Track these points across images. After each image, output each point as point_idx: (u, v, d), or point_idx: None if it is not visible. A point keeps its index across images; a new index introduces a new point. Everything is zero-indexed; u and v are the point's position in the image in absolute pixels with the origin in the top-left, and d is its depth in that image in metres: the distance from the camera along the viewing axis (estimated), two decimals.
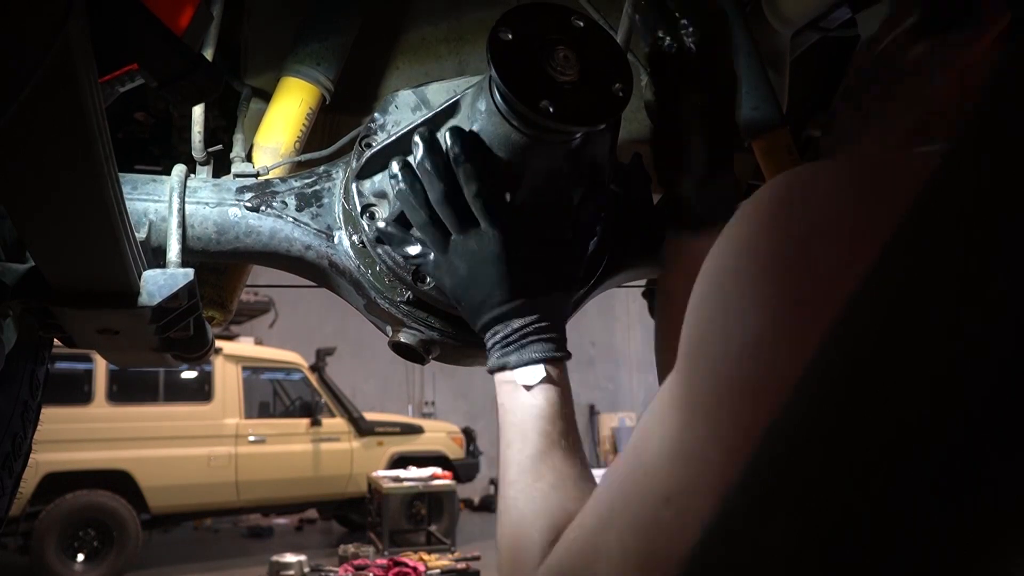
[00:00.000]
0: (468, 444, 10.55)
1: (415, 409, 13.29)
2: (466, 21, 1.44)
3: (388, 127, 1.10)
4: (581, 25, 0.99)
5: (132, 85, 0.81)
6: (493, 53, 0.91)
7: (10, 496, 1.34)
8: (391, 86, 1.41)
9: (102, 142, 0.65)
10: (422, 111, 1.08)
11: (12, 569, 7.48)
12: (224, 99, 1.34)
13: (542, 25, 0.96)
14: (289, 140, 1.25)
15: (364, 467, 9.06)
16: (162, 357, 1.16)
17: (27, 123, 0.57)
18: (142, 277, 0.95)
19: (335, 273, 1.13)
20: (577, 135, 0.99)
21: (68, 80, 0.55)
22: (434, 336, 1.12)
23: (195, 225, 1.09)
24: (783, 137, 1.53)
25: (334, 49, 1.29)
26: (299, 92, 1.27)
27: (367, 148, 1.08)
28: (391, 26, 1.42)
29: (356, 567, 6.66)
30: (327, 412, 9.09)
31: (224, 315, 1.30)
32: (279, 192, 1.13)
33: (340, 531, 9.86)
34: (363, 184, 1.08)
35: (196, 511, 8.55)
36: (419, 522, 8.65)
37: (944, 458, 0.27)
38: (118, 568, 7.43)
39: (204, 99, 0.76)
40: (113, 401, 7.87)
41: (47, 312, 0.96)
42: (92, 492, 7.54)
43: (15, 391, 1.28)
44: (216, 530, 10.23)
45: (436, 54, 1.43)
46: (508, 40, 0.93)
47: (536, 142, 0.96)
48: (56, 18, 0.49)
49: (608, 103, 0.96)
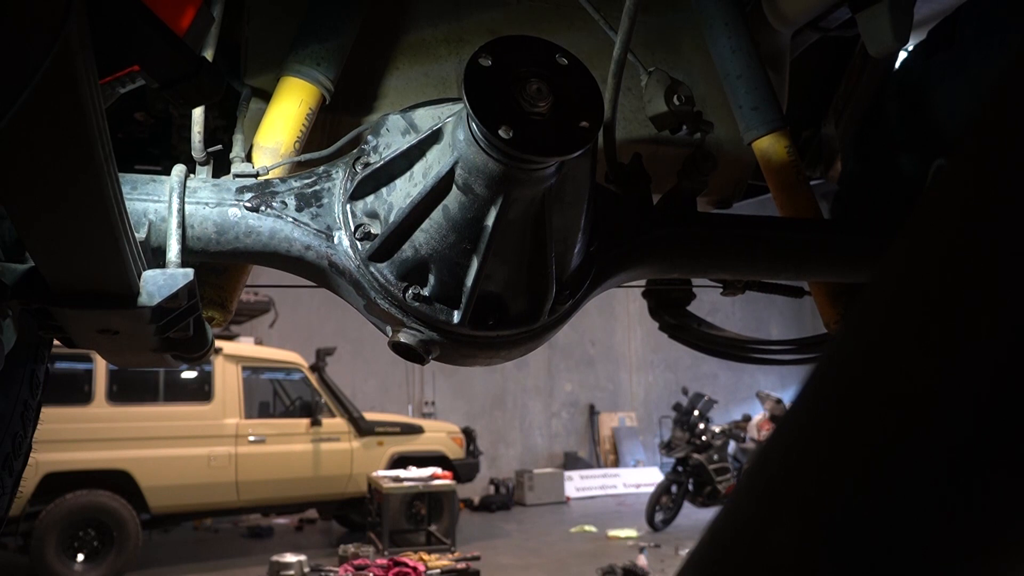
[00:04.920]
0: (468, 444, 10.54)
1: (415, 409, 13.29)
2: (466, 23, 1.45)
3: (380, 149, 1.12)
4: (564, 63, 1.00)
5: (133, 86, 0.81)
6: (467, 77, 0.93)
7: (10, 496, 1.34)
8: (391, 86, 1.41)
9: (102, 142, 0.65)
10: (411, 135, 1.10)
11: (12, 569, 7.48)
12: (224, 99, 1.34)
13: (524, 57, 0.98)
14: (289, 140, 1.26)
15: (364, 467, 9.06)
16: (162, 357, 1.16)
17: (27, 124, 0.57)
18: (142, 277, 0.95)
19: (335, 273, 1.13)
20: (551, 165, 1.00)
21: (68, 81, 0.55)
22: (434, 336, 1.13)
23: (195, 225, 1.10)
24: (783, 137, 1.53)
25: (334, 50, 1.29)
26: (299, 92, 1.27)
27: (360, 170, 1.11)
28: (391, 27, 1.42)
29: (356, 567, 6.66)
30: (327, 412, 9.08)
31: (224, 315, 1.30)
32: (279, 192, 1.13)
33: (340, 531, 9.86)
34: (356, 204, 1.11)
35: (196, 511, 8.54)
36: (419, 522, 8.65)
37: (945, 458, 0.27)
38: (118, 568, 7.43)
39: (205, 101, 0.76)
40: (113, 401, 7.87)
41: (47, 312, 0.96)
42: (92, 492, 7.53)
43: (15, 391, 1.28)
44: (216, 530, 10.23)
45: (436, 55, 1.43)
46: (486, 66, 0.95)
47: (511, 170, 0.97)
48: (56, 20, 0.49)
49: (570, 138, 0.97)
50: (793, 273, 1.43)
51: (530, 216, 1.05)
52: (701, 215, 1.44)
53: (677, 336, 1.88)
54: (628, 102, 1.53)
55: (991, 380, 0.27)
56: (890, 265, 0.31)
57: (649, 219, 1.31)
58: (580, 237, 1.15)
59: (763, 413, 10.91)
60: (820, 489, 0.29)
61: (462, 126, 1.00)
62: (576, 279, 1.20)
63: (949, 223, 0.30)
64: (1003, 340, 0.27)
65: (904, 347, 0.29)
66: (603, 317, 15.06)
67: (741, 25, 1.53)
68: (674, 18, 1.63)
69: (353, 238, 1.11)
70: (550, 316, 1.18)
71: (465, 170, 1.00)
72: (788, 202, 1.53)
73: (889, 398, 0.28)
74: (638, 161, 1.36)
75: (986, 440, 0.26)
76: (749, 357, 1.91)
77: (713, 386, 14.46)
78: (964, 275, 0.28)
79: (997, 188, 0.28)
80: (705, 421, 10.33)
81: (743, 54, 1.52)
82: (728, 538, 0.33)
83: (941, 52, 1.61)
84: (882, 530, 0.27)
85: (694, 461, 9.86)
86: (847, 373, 0.31)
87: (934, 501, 0.27)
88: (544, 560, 8.11)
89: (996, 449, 0.26)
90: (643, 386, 15.69)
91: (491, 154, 0.96)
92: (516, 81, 0.96)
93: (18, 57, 0.49)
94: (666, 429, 13.44)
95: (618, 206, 1.29)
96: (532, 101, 0.95)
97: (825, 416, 0.31)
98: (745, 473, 0.33)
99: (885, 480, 0.28)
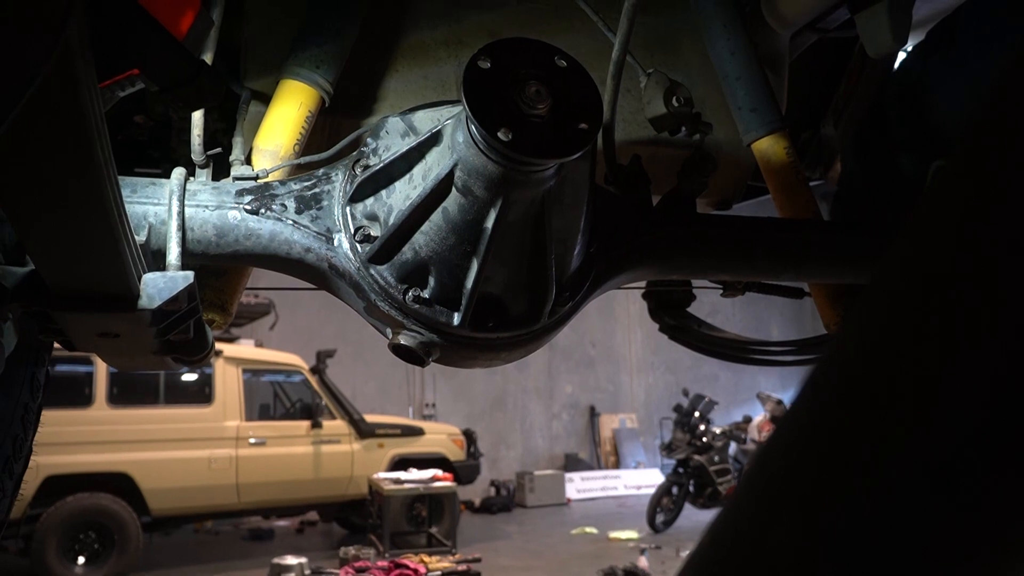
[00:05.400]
0: (469, 446, 10.54)
1: (415, 411, 13.28)
2: (465, 25, 1.45)
3: (380, 152, 1.12)
4: (563, 65, 1.00)
5: (133, 90, 0.81)
6: (466, 79, 0.93)
7: (11, 498, 1.34)
8: (390, 89, 1.41)
9: (102, 145, 0.65)
10: (410, 137, 1.10)
11: (13, 571, 7.47)
12: (224, 102, 1.34)
13: (523, 59, 0.98)
14: (288, 143, 1.26)
15: (365, 469, 9.05)
16: (162, 360, 1.16)
17: (27, 127, 0.57)
18: (142, 280, 0.95)
19: (335, 275, 1.13)
20: (550, 167, 1.00)
21: (68, 84, 0.55)
22: (434, 338, 1.13)
23: (195, 228, 1.10)
24: (782, 138, 1.53)
25: (333, 52, 1.30)
26: (298, 95, 1.27)
27: (359, 172, 1.11)
28: (390, 30, 1.42)
29: (357, 569, 6.65)
30: (327, 414, 9.08)
31: (224, 318, 1.30)
32: (279, 195, 1.13)
33: (341, 533, 9.85)
34: (355, 207, 1.11)
35: (197, 513, 8.54)
36: (420, 524, 8.64)
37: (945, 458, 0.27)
38: (119, 570, 7.42)
39: (205, 105, 0.76)
40: (114, 404, 7.87)
41: (47, 315, 0.96)
42: (93, 495, 7.53)
43: (16, 393, 1.28)
44: (217, 532, 10.22)
45: (435, 57, 1.43)
46: (485, 69, 0.95)
47: (510, 172, 0.97)
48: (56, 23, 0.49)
49: (569, 140, 0.97)
50: (793, 274, 1.43)
51: (530, 218, 1.05)
52: (701, 216, 1.44)
53: (677, 337, 1.88)
54: (627, 104, 1.53)
55: (991, 380, 0.27)
56: (890, 265, 0.31)
57: (649, 220, 1.31)
58: (580, 239, 1.15)
59: (764, 414, 10.90)
60: (820, 489, 0.29)
61: (461, 128, 1.00)
62: (576, 281, 1.20)
63: (949, 223, 0.30)
64: (1003, 340, 0.27)
65: (904, 347, 0.29)
66: (603, 319, 15.05)
67: (740, 27, 1.53)
68: (673, 20, 1.63)
69: (353, 240, 1.11)
70: (550, 318, 1.18)
71: (464, 172, 1.00)
72: (788, 203, 1.53)
73: (889, 398, 0.28)
74: (637, 163, 1.36)
75: (986, 440, 0.26)
76: (749, 358, 1.91)
77: (714, 387, 14.46)
78: (964, 275, 0.28)
79: (997, 188, 0.28)
80: (706, 422, 10.32)
81: (742, 55, 1.52)
82: (728, 539, 0.33)
83: (941, 52, 1.61)
84: (882, 530, 0.27)
85: (695, 462, 9.85)
86: (847, 373, 0.31)
87: (934, 501, 0.27)
88: (545, 562, 8.11)
89: (996, 449, 0.26)
90: (644, 387, 15.68)
91: (490, 156, 0.97)
92: (515, 83, 0.96)
93: (18, 60, 0.49)
94: (667, 431, 13.43)
95: (618, 208, 1.29)
96: (531, 103, 0.95)
97: (825, 416, 0.31)
98: (745, 474, 0.33)
99: (885, 480, 0.28)
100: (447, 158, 1.02)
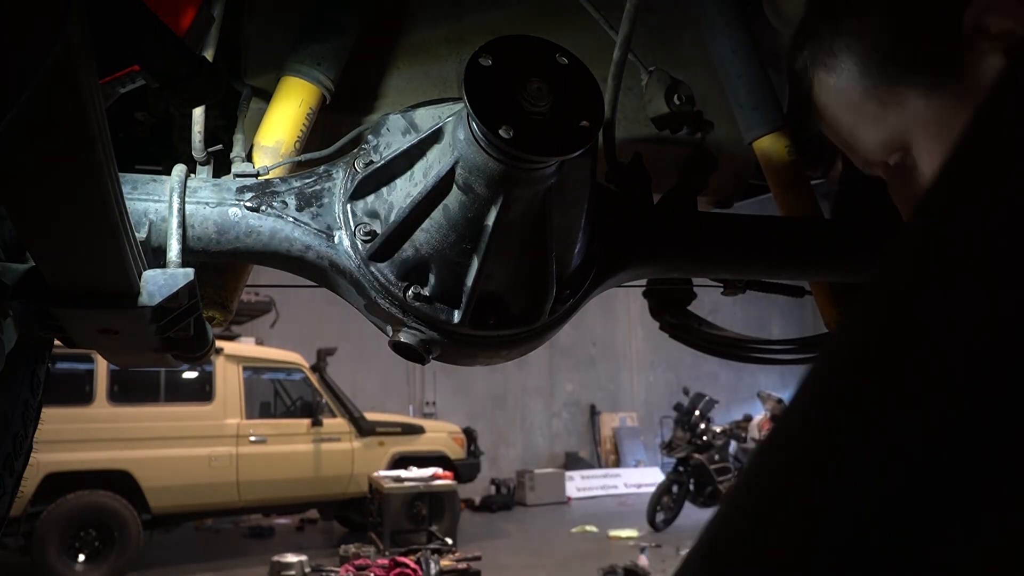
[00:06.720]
0: (469, 444, 10.55)
1: (416, 409, 13.29)
2: (466, 22, 1.45)
3: (381, 149, 1.12)
4: (565, 62, 1.00)
5: (133, 86, 0.81)
6: (467, 76, 0.93)
7: (11, 496, 1.34)
8: (391, 86, 1.41)
9: (102, 142, 0.65)
10: (411, 135, 1.10)
11: (13, 569, 7.48)
12: (224, 99, 1.34)
13: (524, 57, 0.98)
14: (289, 140, 1.26)
15: (365, 467, 9.06)
16: (163, 357, 1.16)
17: (27, 124, 0.57)
18: (142, 277, 0.95)
19: (335, 273, 1.13)
20: (551, 165, 1.00)
21: (69, 81, 0.55)
22: (434, 336, 1.13)
23: (195, 225, 1.10)
24: (784, 136, 1.53)
25: (334, 49, 1.30)
26: (299, 92, 1.27)
27: (360, 170, 1.11)
28: (392, 27, 1.42)
29: (357, 567, 6.66)
30: (328, 412, 9.08)
31: (225, 315, 1.30)
32: (279, 192, 1.13)
33: (341, 531, 9.86)
34: (356, 204, 1.11)
35: (197, 511, 8.54)
36: (420, 522, 8.65)
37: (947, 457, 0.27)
38: (119, 568, 7.43)
39: (206, 101, 0.76)
40: (114, 401, 7.87)
41: (47, 312, 0.96)
42: (93, 492, 7.53)
43: (16, 391, 1.28)
44: (217, 530, 10.23)
45: (436, 55, 1.43)
46: (486, 66, 0.95)
47: (511, 170, 0.97)
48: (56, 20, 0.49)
49: (571, 138, 0.97)
50: (793, 272, 1.43)
51: (531, 216, 1.05)
52: (702, 214, 1.44)
53: (678, 336, 1.88)
54: (628, 102, 1.53)
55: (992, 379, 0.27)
56: (889, 264, 0.31)
57: (650, 218, 1.31)
58: (581, 236, 1.15)
59: (764, 413, 10.90)
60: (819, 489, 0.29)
61: (462, 126, 1.00)
62: (577, 278, 1.20)
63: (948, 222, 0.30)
64: (1003, 338, 0.27)
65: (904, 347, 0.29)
66: (604, 317, 15.05)
67: (741, 24, 1.53)
68: (674, 17, 1.63)
69: (354, 238, 1.11)
70: (551, 316, 1.18)
71: (465, 170, 1.00)
72: (788, 202, 1.53)
73: (888, 396, 0.28)
74: (639, 161, 1.36)
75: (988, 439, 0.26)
76: (750, 357, 1.91)
77: (714, 386, 14.46)
78: (964, 274, 0.28)
79: (997, 188, 0.28)
80: (706, 421, 10.33)
81: (744, 53, 1.52)
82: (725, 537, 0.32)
83: None
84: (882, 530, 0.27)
85: (695, 461, 9.86)
86: (845, 371, 0.31)
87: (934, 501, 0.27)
88: (545, 560, 8.12)
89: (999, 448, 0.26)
90: (644, 386, 15.69)
91: (491, 154, 0.96)
92: (516, 81, 0.96)
93: (18, 57, 0.49)
94: (667, 429, 13.43)
95: (619, 205, 1.29)
96: (532, 101, 0.95)
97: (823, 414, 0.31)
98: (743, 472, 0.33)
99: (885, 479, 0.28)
100: (448, 155, 1.01)
